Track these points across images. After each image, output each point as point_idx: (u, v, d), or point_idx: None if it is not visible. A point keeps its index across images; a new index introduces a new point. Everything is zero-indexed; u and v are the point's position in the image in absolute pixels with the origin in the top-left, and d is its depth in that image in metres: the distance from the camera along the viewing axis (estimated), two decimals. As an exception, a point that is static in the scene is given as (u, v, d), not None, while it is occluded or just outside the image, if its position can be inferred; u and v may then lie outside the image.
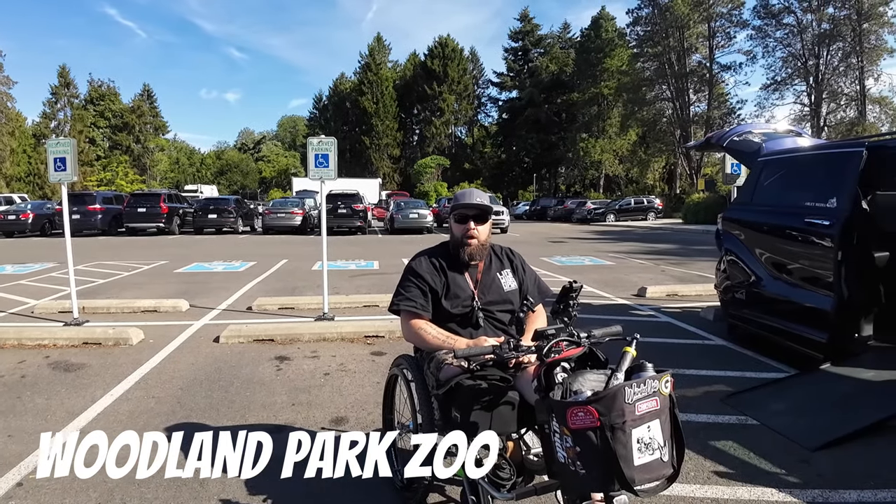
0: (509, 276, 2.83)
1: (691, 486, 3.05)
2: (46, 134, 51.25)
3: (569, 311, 2.23)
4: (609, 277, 11.11)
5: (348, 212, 24.76)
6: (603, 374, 1.96)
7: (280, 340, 6.16)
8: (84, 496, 2.95)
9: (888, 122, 41.63)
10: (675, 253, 16.59)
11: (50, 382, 4.85)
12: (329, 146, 7.17)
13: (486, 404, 2.30)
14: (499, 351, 2.23)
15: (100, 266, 12.90)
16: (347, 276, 11.33)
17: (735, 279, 5.94)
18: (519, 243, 19.46)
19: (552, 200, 47.64)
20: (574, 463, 1.76)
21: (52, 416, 4.06)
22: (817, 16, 40.67)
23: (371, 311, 7.74)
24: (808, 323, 4.92)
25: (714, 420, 3.97)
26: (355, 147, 64.80)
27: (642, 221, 36.78)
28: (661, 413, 1.78)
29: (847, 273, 4.63)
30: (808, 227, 4.94)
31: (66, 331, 6.32)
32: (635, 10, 49.50)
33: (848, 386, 4.30)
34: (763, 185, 5.82)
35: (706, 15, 44.95)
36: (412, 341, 2.77)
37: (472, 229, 2.70)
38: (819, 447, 3.48)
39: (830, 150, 5.51)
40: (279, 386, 4.75)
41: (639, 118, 49.77)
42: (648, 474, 1.74)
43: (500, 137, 68.09)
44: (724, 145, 6.58)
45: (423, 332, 2.63)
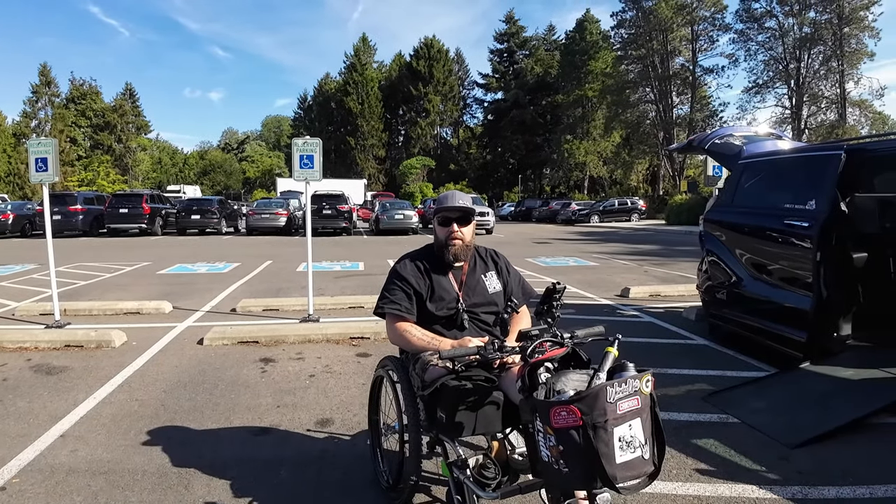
0: (494, 277, 2.85)
1: (673, 484, 3.10)
2: (27, 133, 50.53)
3: (552, 311, 2.26)
4: (593, 278, 11.19)
5: (333, 213, 24.67)
6: (585, 373, 1.99)
7: (265, 342, 6.14)
8: (68, 499, 2.93)
9: (868, 125, 42.36)
10: (658, 254, 16.73)
11: (32, 385, 4.80)
12: (314, 147, 7.16)
13: (471, 405, 2.32)
14: (483, 352, 2.25)
15: (81, 267, 12.76)
16: (332, 278, 11.30)
17: (716, 280, 6.02)
18: (504, 244, 19.52)
19: (537, 201, 47.78)
20: (557, 461, 1.79)
21: (34, 420, 4.02)
22: (799, 20, 41.27)
23: (356, 313, 7.73)
24: (787, 322, 4.99)
25: (696, 418, 4.02)
26: (340, 147, 64.61)
27: (626, 222, 37.04)
28: (642, 412, 1.81)
29: (826, 273, 4.71)
30: (788, 228, 5.02)
31: (47, 333, 6.25)
32: (619, 13, 49.91)
33: (827, 384, 4.37)
34: (744, 187, 5.90)
35: (689, 18, 45.37)
36: (397, 343, 2.78)
37: (455, 231, 2.71)
38: (798, 445, 3.54)
39: (810, 153, 5.60)
40: (264, 388, 4.74)
41: (622, 120, 50.11)
42: (630, 472, 1.78)
43: (485, 138, 68.18)
44: (706, 148, 6.66)
45: (408, 335, 2.65)
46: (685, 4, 44.91)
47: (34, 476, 3.19)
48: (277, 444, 3.62)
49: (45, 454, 3.45)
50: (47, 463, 3.33)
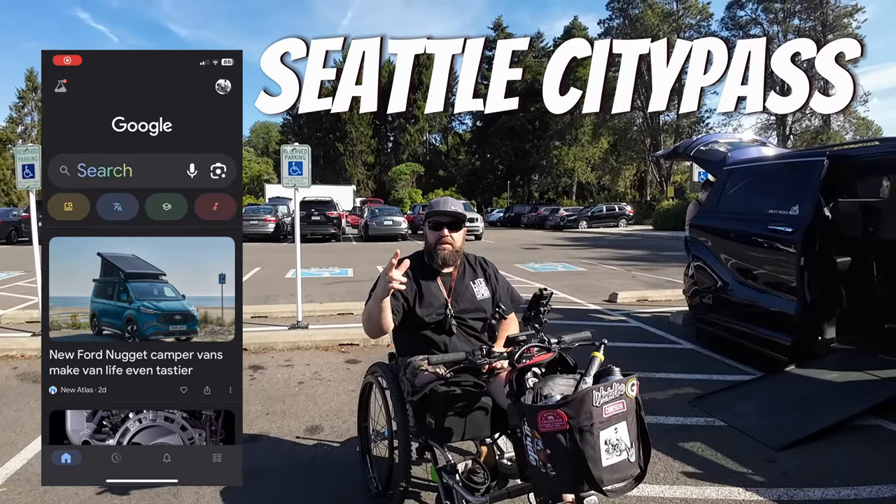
0: (482, 284, 2.86)
1: (661, 487, 3.12)
2: (13, 139, 50.01)
3: (539, 317, 2.29)
4: (581, 283, 11.24)
5: (322, 219, 24.63)
6: (572, 378, 2.02)
7: (253, 349, 6.11)
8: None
9: (852, 131, 42.86)
10: (646, 259, 16.83)
11: (19, 394, 4.76)
12: (303, 154, 7.16)
13: (460, 410, 2.34)
14: (472, 357, 2.27)
15: (68, 275, 12.62)
16: (321, 284, 11.28)
17: (703, 284, 6.08)
18: (493, 250, 19.57)
19: (526, 207, 47.84)
20: (545, 465, 1.82)
21: (21, 429, 3.99)
22: (783, 27, 41.81)
23: (345, 319, 7.72)
24: (773, 326, 5.05)
25: (682, 422, 4.05)
26: (329, 153, 64.40)
27: (614, 228, 37.17)
28: (628, 415, 1.84)
29: (810, 278, 4.77)
30: (772, 233, 5.08)
31: (34, 341, 6.19)
32: (606, 21, 50.40)
33: (812, 387, 4.42)
34: (728, 192, 5.96)
35: (675, 26, 45.82)
36: (367, 325, 2.64)
37: (446, 236, 2.73)
38: (784, 447, 3.58)
39: (793, 159, 5.69)
40: (253, 395, 4.72)
41: (610, 127, 50.34)
42: (616, 475, 1.80)
43: (474, 145, 68.26)
44: (692, 154, 6.74)
45: (365, 308, 2.62)
46: (671, 12, 45.39)
47: (21, 485, 3.17)
48: (267, 452, 3.61)
49: (32, 463, 3.42)
50: (34, 472, 3.30)
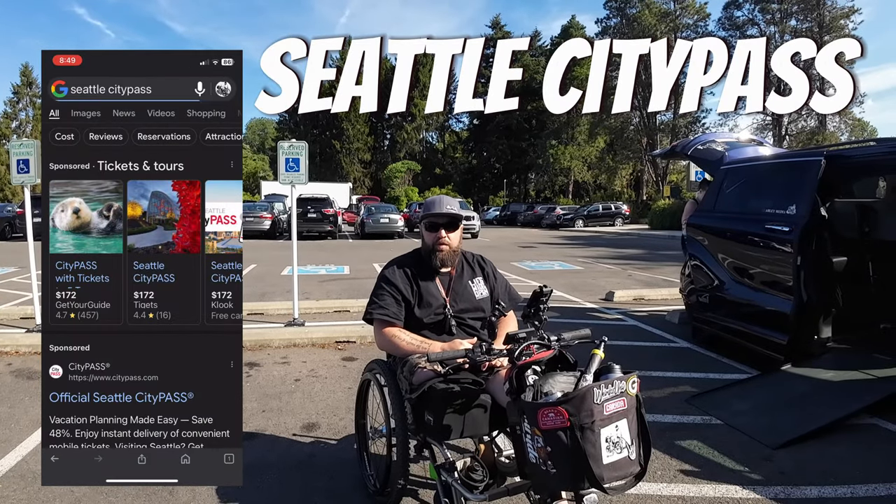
0: (481, 283, 2.85)
1: (658, 485, 3.13)
2: (8, 134, 49.74)
3: (539, 315, 2.28)
4: (578, 282, 11.25)
5: (318, 216, 24.58)
6: (572, 375, 2.01)
7: (249, 346, 6.09)
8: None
9: (848, 132, 42.99)
10: (642, 258, 16.86)
11: (13, 391, 4.74)
12: (300, 150, 7.14)
13: (458, 407, 2.33)
14: (471, 354, 2.26)
15: (62, 271, 12.56)
16: (318, 281, 11.26)
17: (699, 283, 6.09)
18: (490, 248, 19.58)
19: (522, 206, 47.83)
20: (545, 462, 1.81)
21: (15, 426, 3.97)
22: (780, 28, 41.90)
23: (342, 317, 7.71)
24: (769, 325, 5.06)
25: (679, 420, 4.06)
26: (325, 151, 64.28)
27: (610, 227, 37.22)
28: (629, 413, 1.84)
29: (806, 277, 4.78)
30: (769, 233, 5.09)
31: (28, 337, 6.16)
32: (604, 20, 50.34)
33: (808, 386, 4.44)
34: (725, 192, 5.97)
35: (672, 26, 45.86)
36: (386, 349, 2.77)
37: (443, 238, 2.72)
38: (780, 445, 3.59)
39: (790, 159, 5.70)
40: (249, 392, 4.70)
41: (607, 126, 50.34)
42: (617, 472, 1.80)
43: (471, 143, 68.20)
44: (689, 154, 6.75)
45: (397, 339, 2.65)
46: (669, 12, 45.42)
47: (16, 482, 3.15)
48: (263, 449, 3.60)
49: (27, 459, 3.41)
50: (29, 469, 3.29)
